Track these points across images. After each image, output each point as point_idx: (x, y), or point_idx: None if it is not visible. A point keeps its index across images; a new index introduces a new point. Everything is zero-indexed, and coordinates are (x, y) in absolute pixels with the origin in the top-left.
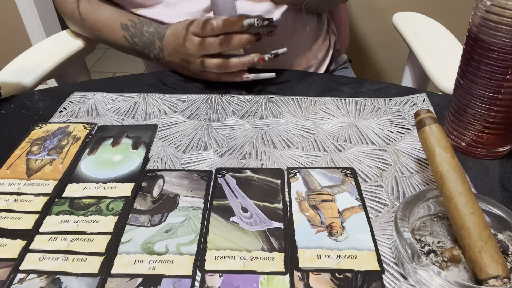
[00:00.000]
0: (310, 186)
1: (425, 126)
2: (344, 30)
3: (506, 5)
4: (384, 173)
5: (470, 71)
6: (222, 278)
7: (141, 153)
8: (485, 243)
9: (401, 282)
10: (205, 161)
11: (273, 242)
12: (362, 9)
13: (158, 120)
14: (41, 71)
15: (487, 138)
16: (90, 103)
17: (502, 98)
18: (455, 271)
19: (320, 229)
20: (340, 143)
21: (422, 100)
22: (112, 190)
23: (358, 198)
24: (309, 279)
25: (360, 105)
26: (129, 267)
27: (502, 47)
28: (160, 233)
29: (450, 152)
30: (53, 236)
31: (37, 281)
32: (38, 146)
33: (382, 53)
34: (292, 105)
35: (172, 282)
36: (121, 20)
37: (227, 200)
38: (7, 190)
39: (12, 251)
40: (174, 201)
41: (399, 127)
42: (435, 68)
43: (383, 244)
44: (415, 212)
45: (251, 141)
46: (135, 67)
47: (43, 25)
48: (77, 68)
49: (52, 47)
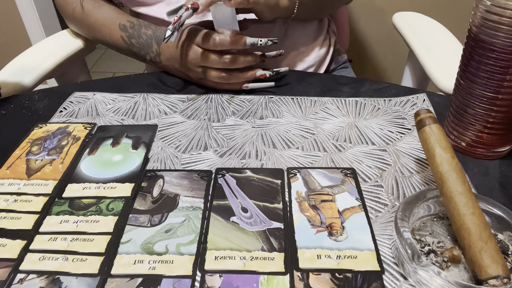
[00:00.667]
0: (310, 186)
1: (425, 126)
2: (344, 30)
3: (506, 5)
4: (384, 173)
5: (470, 71)
6: (222, 278)
7: (141, 153)
8: (485, 243)
9: (401, 282)
10: (205, 161)
11: (273, 242)
12: (362, 9)
13: (158, 120)
14: (41, 70)
15: (487, 138)
16: (90, 103)
17: (502, 98)
18: (455, 271)
19: (320, 229)
20: (340, 143)
21: (422, 100)
22: (112, 190)
23: (358, 198)
24: (309, 279)
25: (360, 105)
26: (129, 267)
27: (502, 47)
28: (160, 233)
29: (450, 152)
30: (53, 236)
31: (37, 281)
32: (38, 146)
33: (382, 53)
34: (292, 105)
35: (172, 282)
36: (120, 21)
37: (227, 200)
38: (7, 190)
39: (12, 251)
40: (174, 201)
41: (399, 127)
42: (435, 68)
43: (383, 244)
44: (415, 212)
45: (251, 141)
46: (135, 67)
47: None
48: (77, 68)
49: (52, 47)
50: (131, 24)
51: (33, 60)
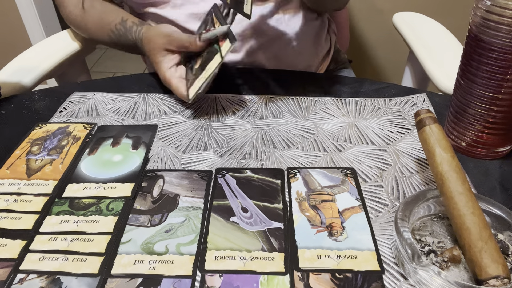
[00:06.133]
0: (310, 186)
1: (425, 126)
2: (344, 30)
3: (506, 5)
4: (384, 173)
5: (470, 71)
6: (222, 278)
7: (141, 153)
8: (485, 243)
9: (401, 282)
10: (205, 161)
11: (273, 242)
12: (362, 9)
13: (158, 120)
14: (41, 70)
15: (487, 138)
16: (90, 103)
17: (502, 98)
18: (455, 271)
19: (320, 229)
20: (340, 143)
21: (422, 100)
22: (112, 190)
23: (358, 198)
24: (309, 279)
25: (360, 105)
26: (129, 267)
27: (502, 47)
28: (160, 233)
29: (450, 152)
30: (53, 236)
31: (37, 281)
32: (38, 146)
33: (382, 53)
34: (292, 105)
35: (172, 282)
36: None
37: (227, 200)
38: (7, 190)
39: (12, 251)
40: (174, 201)
41: (399, 127)
42: (435, 68)
43: (383, 244)
44: (415, 212)
45: (251, 141)
46: (135, 67)
47: (43, 25)
48: (77, 68)
49: (52, 47)
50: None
51: (33, 60)
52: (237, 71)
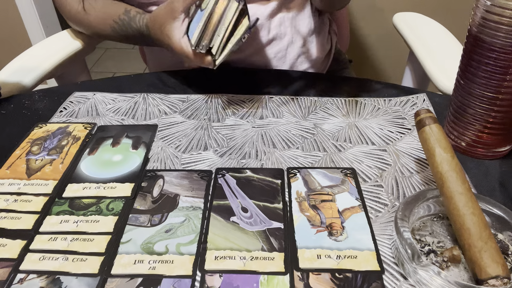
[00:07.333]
0: (310, 186)
1: (425, 126)
2: (344, 30)
3: (506, 5)
4: (384, 173)
5: (470, 71)
6: (222, 278)
7: (141, 153)
8: (485, 243)
9: (401, 282)
10: (205, 161)
11: (273, 242)
12: (362, 9)
13: (158, 120)
14: (41, 70)
15: (487, 138)
16: (90, 103)
17: (502, 98)
18: (455, 271)
19: (320, 229)
20: (340, 143)
21: (422, 100)
22: (112, 190)
23: (358, 198)
24: (309, 279)
25: (360, 105)
26: (129, 267)
27: (502, 47)
28: (160, 233)
29: (450, 152)
30: (53, 236)
31: (37, 281)
32: (38, 146)
33: (382, 53)
34: (292, 105)
35: (172, 282)
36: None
37: (227, 200)
38: (7, 190)
39: (12, 251)
40: (174, 201)
41: (399, 127)
42: (435, 68)
43: (383, 244)
44: (415, 212)
45: (251, 141)
46: (135, 67)
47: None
48: (77, 68)
49: (52, 47)
50: (122, 21)
51: (33, 60)
52: (238, 71)
